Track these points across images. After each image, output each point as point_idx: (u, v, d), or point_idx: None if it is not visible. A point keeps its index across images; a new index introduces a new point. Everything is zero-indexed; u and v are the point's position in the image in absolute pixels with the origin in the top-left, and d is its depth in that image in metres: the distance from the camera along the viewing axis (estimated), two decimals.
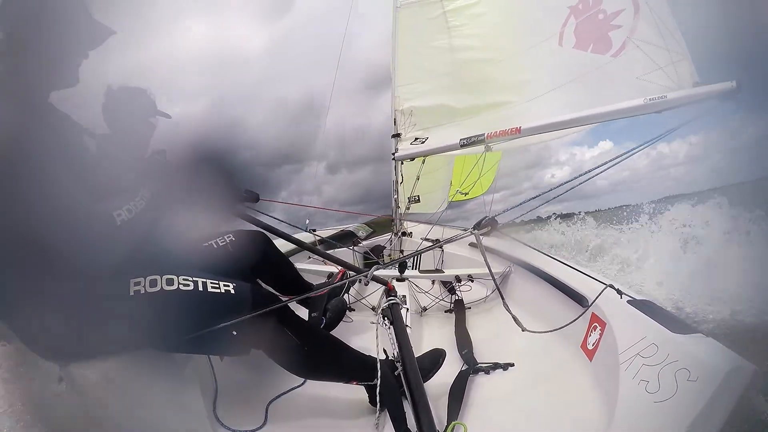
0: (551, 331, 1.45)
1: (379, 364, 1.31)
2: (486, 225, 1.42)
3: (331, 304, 2.04)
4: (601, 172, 1.44)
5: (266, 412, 1.42)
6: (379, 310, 1.44)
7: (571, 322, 1.52)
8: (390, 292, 1.47)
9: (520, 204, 1.43)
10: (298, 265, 2.86)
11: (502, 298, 1.36)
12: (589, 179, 1.42)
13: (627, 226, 6.97)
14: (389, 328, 1.37)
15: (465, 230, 1.49)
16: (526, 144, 2.75)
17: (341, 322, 2.07)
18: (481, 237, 1.42)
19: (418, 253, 1.99)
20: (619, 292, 1.51)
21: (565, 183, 1.40)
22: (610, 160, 1.47)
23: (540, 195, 1.44)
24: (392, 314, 1.38)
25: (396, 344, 1.28)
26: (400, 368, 1.25)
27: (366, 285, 2.74)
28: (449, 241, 1.55)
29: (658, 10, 1.91)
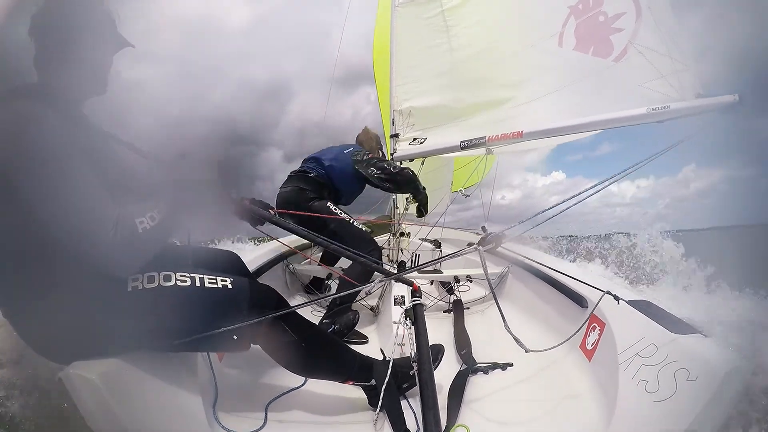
0: (553, 348, 1.45)
1: (391, 364, 1.31)
2: (490, 241, 1.43)
3: (344, 317, 2.06)
4: (607, 185, 1.44)
5: (266, 413, 1.42)
6: (403, 310, 1.46)
7: (575, 334, 1.54)
8: (415, 292, 1.49)
9: (524, 221, 1.43)
10: (296, 266, 2.87)
11: (504, 320, 1.37)
12: (591, 195, 1.43)
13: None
14: (410, 328, 1.39)
15: (470, 245, 1.49)
16: (526, 148, 2.75)
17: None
18: (484, 253, 1.43)
19: (441, 260, 1.98)
20: (617, 298, 1.52)
21: (569, 198, 1.41)
22: (618, 174, 1.47)
23: (543, 212, 1.44)
24: (415, 314, 1.40)
25: (404, 344, 1.29)
26: (415, 368, 1.26)
27: (369, 291, 2.73)
28: (455, 255, 1.56)
29: (660, 15, 1.90)
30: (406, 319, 1.41)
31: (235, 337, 1.15)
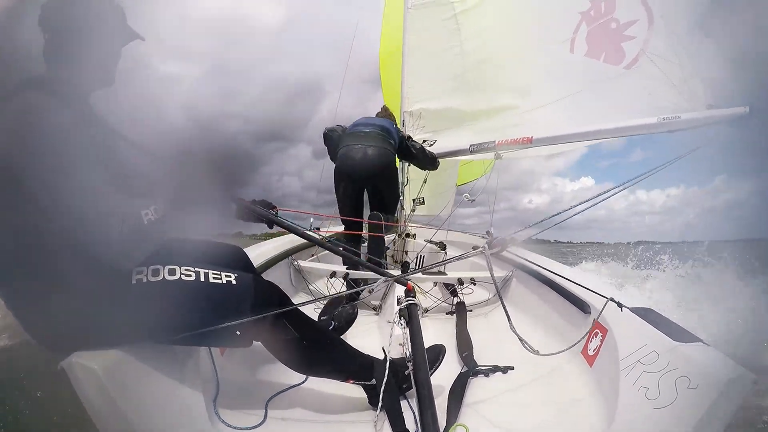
0: (560, 353, 1.45)
1: (387, 364, 1.32)
2: (497, 245, 1.43)
3: (342, 311, 2.06)
4: (614, 195, 1.44)
5: (266, 409, 1.43)
6: (397, 310, 1.46)
7: (580, 340, 1.53)
8: (409, 292, 1.49)
9: (531, 225, 1.44)
10: (301, 263, 2.88)
11: (509, 320, 1.37)
12: (603, 201, 1.43)
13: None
14: (404, 327, 1.39)
15: (476, 249, 1.50)
16: (535, 155, 2.75)
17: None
18: (490, 256, 1.43)
19: (446, 262, 2.07)
20: (620, 305, 1.51)
21: (578, 205, 1.41)
22: (624, 183, 1.47)
23: (551, 217, 1.45)
24: (409, 314, 1.40)
25: (405, 344, 1.30)
26: (410, 368, 1.26)
27: (372, 290, 2.74)
28: (461, 257, 1.57)
29: (673, 24, 1.88)
30: (400, 318, 1.41)
31: (238, 333, 1.15)
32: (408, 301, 1.46)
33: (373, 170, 2.73)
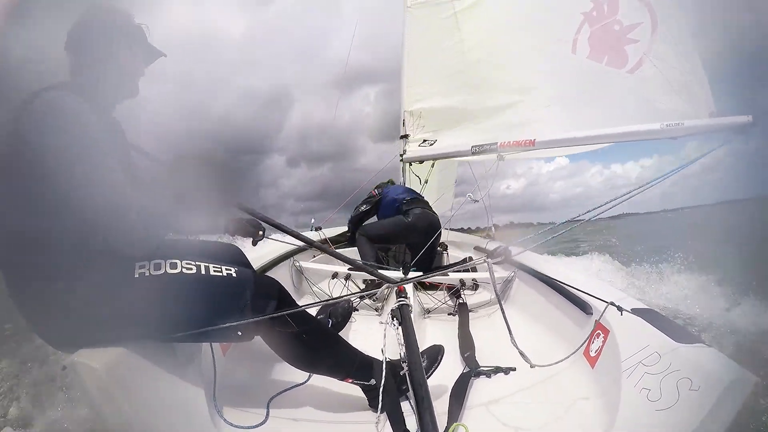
0: (557, 363, 1.46)
1: (384, 365, 1.32)
2: (500, 254, 1.42)
3: (337, 307, 2.06)
4: (638, 193, 1.45)
5: (268, 408, 1.43)
6: (389, 311, 1.46)
7: (581, 347, 1.53)
8: (401, 293, 1.49)
9: (536, 234, 1.44)
10: (303, 264, 2.88)
11: (510, 334, 1.37)
12: (618, 204, 1.44)
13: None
14: (397, 328, 1.39)
15: (479, 258, 1.50)
16: (536, 156, 2.74)
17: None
18: (493, 266, 1.43)
19: (449, 269, 2.10)
20: (620, 309, 1.51)
21: (585, 213, 1.41)
22: (641, 186, 1.48)
23: (557, 225, 1.45)
24: (401, 315, 1.40)
25: (403, 345, 1.30)
26: (405, 369, 1.26)
27: (378, 297, 2.74)
28: (462, 262, 1.57)
29: (677, 29, 1.88)
30: (393, 319, 1.41)
31: (239, 333, 1.17)
32: (400, 301, 1.46)
33: (433, 233, 3.09)
